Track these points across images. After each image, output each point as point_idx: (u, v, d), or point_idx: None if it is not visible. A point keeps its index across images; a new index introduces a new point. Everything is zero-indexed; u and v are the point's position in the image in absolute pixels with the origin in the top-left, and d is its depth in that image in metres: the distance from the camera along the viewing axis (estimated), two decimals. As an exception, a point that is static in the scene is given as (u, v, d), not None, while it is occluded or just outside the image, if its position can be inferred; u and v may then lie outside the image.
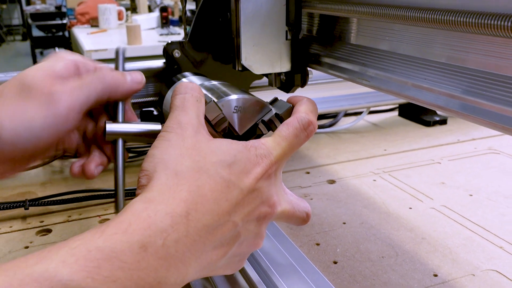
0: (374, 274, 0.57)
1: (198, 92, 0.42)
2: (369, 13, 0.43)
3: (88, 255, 0.29)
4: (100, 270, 0.29)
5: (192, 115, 0.40)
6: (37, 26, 6.42)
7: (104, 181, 0.81)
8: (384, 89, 0.46)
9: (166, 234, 0.32)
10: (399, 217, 0.70)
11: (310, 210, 0.46)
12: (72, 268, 0.28)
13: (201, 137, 0.38)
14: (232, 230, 0.37)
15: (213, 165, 0.36)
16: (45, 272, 0.28)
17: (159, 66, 0.76)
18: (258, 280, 0.50)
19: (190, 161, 0.36)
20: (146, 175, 0.36)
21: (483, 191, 0.78)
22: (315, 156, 0.93)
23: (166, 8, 3.27)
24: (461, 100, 0.38)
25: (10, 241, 0.65)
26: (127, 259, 0.30)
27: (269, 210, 0.40)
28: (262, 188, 0.39)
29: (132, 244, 0.30)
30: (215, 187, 0.36)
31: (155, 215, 0.32)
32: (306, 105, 0.45)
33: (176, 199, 0.34)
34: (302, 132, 0.42)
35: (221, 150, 0.38)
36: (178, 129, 0.38)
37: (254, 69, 0.57)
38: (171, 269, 0.32)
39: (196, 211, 0.34)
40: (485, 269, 0.58)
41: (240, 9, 0.54)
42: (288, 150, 0.41)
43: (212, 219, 0.35)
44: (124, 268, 0.30)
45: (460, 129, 1.07)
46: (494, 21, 0.31)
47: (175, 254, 0.32)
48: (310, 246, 0.63)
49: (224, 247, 0.37)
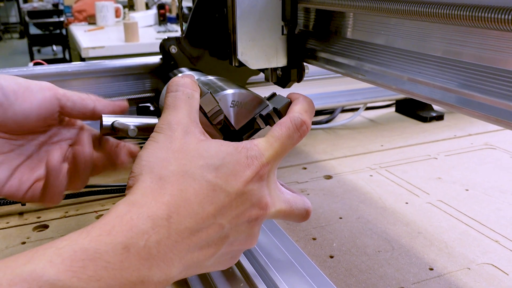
0: (370, 268, 0.57)
1: (191, 87, 0.42)
2: (364, 7, 0.43)
3: (73, 255, 0.30)
4: (85, 269, 0.30)
5: (182, 114, 0.40)
6: (35, 24, 6.40)
7: (101, 177, 0.81)
8: (380, 83, 0.46)
9: (148, 236, 0.33)
10: (395, 212, 0.70)
11: (310, 206, 0.46)
12: (59, 268, 0.29)
13: (190, 138, 0.39)
14: (218, 231, 0.37)
15: (199, 169, 0.37)
16: (33, 272, 0.29)
17: (156, 62, 0.76)
18: (254, 274, 0.50)
19: (176, 164, 0.37)
20: (133, 177, 0.37)
21: (479, 186, 0.78)
22: (312, 152, 0.93)
23: (163, 5, 3.27)
24: (457, 94, 0.38)
25: (7, 237, 0.65)
26: (110, 259, 0.31)
27: (260, 212, 0.40)
28: (252, 191, 0.39)
29: (116, 245, 0.32)
30: (199, 191, 0.36)
31: (137, 218, 0.33)
32: (302, 104, 0.44)
33: (158, 202, 0.35)
34: (295, 133, 0.42)
35: (208, 153, 0.38)
36: (167, 130, 0.39)
37: (250, 64, 0.57)
38: (153, 268, 0.33)
39: (178, 214, 0.35)
40: (481, 262, 0.58)
41: (236, 5, 0.54)
42: (281, 151, 0.41)
43: (195, 221, 0.36)
44: (108, 268, 0.31)
45: (457, 124, 1.07)
46: (489, 14, 0.31)
47: (156, 254, 0.33)
48: (306, 241, 0.63)
49: (211, 248, 0.38)
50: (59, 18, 6.20)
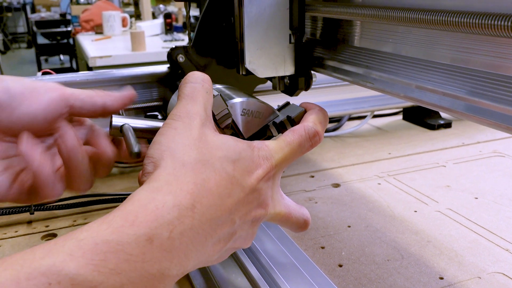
0: (379, 277, 0.57)
1: (209, 84, 0.42)
2: (372, 16, 0.43)
3: (95, 248, 0.29)
4: (106, 263, 0.29)
5: (200, 107, 0.39)
6: (42, 33, 6.46)
7: (109, 185, 0.81)
8: (388, 91, 0.46)
9: (173, 227, 0.32)
10: (404, 220, 0.70)
11: (309, 217, 0.46)
12: (79, 262, 0.28)
13: (208, 130, 0.38)
14: (230, 227, 0.37)
15: (219, 160, 0.36)
16: (52, 266, 0.28)
17: (163, 71, 0.76)
18: (263, 284, 0.50)
19: (197, 152, 0.36)
20: (152, 162, 0.36)
21: (489, 194, 0.77)
22: (319, 160, 0.93)
23: (170, 14, 3.28)
24: (466, 101, 0.38)
25: (15, 246, 0.66)
26: (133, 251, 0.30)
27: (263, 212, 0.40)
28: (261, 190, 0.39)
29: (139, 237, 0.30)
30: (220, 182, 0.35)
31: (163, 207, 0.32)
32: (317, 115, 0.44)
33: (184, 190, 0.33)
34: (307, 142, 0.42)
35: (226, 145, 0.37)
36: (185, 118, 0.38)
37: (258, 72, 0.57)
38: (174, 260, 0.32)
39: (201, 204, 0.34)
40: (491, 271, 0.57)
41: (244, 13, 0.54)
42: (290, 156, 0.41)
43: (215, 213, 0.35)
44: (130, 261, 0.30)
45: (465, 132, 1.06)
46: (498, 21, 0.31)
47: (179, 246, 0.32)
48: (315, 250, 0.63)
49: (221, 243, 0.37)
50: (67, 28, 6.26)
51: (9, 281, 0.26)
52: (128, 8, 4.63)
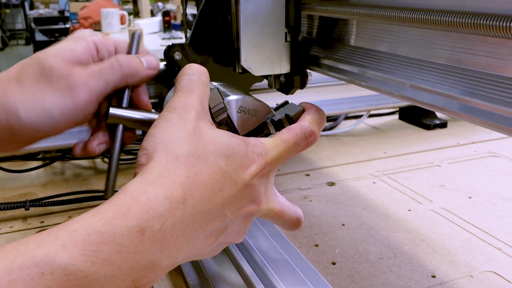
0: (372, 275, 0.57)
1: (206, 76, 0.42)
2: (368, 15, 0.44)
3: (87, 239, 0.29)
4: (98, 253, 0.29)
5: (196, 99, 0.39)
6: (40, 30, 6.45)
7: (104, 182, 0.81)
8: (382, 90, 0.46)
9: (164, 219, 0.32)
10: (398, 219, 0.70)
11: (302, 216, 0.46)
12: (72, 253, 0.29)
13: (203, 123, 0.38)
14: (222, 221, 0.37)
15: (212, 154, 0.36)
16: (45, 256, 0.28)
17: (160, 68, 0.76)
18: (256, 281, 0.50)
19: (190, 146, 0.36)
20: (146, 154, 0.36)
21: (483, 193, 0.78)
22: (315, 159, 0.93)
23: (168, 12, 3.28)
24: (460, 101, 0.38)
25: (10, 241, 0.65)
26: (125, 242, 0.30)
27: (256, 208, 0.40)
28: (255, 186, 0.39)
29: (131, 228, 0.31)
30: (212, 176, 0.36)
31: (155, 199, 0.32)
32: (314, 115, 0.45)
33: (176, 183, 0.34)
34: (303, 141, 0.43)
35: (220, 140, 0.38)
36: (181, 110, 0.38)
37: (254, 70, 0.57)
38: (165, 252, 0.33)
39: (193, 197, 0.34)
40: (483, 270, 0.58)
41: (240, 11, 0.54)
42: (285, 154, 0.41)
43: (206, 207, 0.35)
44: (122, 252, 0.30)
45: (460, 132, 1.07)
46: (492, 21, 0.31)
47: (170, 238, 0.33)
48: (308, 247, 0.63)
49: (212, 237, 0.37)
50: (65, 25, 6.25)
51: (2, 271, 0.27)
52: (126, 5, 4.63)
